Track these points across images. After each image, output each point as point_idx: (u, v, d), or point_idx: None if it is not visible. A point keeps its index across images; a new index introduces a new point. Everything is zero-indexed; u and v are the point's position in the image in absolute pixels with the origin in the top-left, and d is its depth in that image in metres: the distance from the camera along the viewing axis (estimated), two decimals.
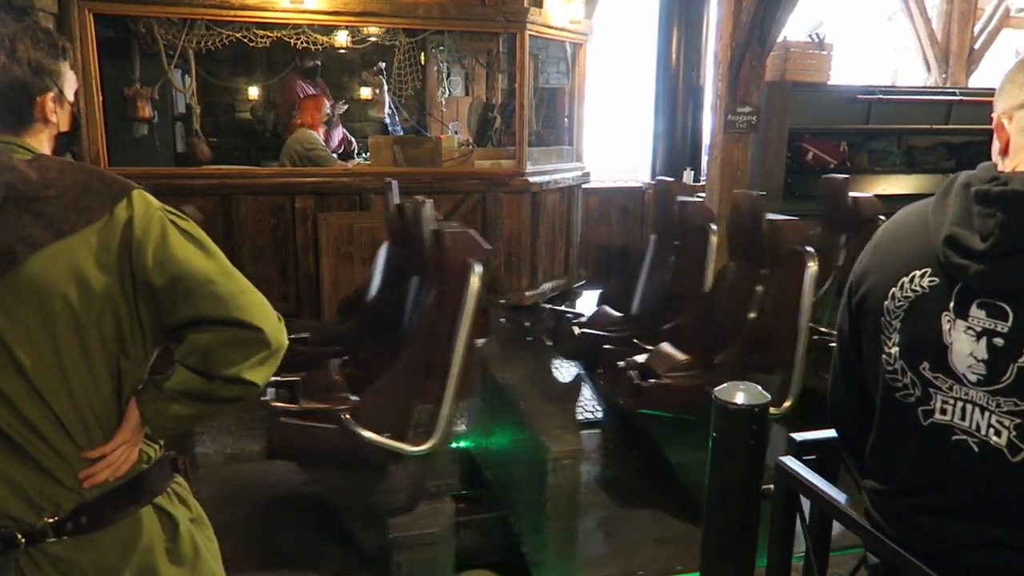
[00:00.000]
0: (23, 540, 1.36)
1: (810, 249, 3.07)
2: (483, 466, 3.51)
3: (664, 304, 3.89)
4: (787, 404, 3.07)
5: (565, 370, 4.53)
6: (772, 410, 2.81)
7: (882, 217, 3.51)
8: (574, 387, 4.15)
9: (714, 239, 3.81)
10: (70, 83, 1.48)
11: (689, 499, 3.19)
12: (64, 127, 1.48)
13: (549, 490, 2.71)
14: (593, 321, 4.03)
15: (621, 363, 3.32)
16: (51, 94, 1.43)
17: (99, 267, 1.33)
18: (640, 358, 3.32)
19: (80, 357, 1.35)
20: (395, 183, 3.55)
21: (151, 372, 1.49)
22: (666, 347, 3.33)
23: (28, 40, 1.40)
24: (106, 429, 1.40)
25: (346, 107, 6.85)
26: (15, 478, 1.36)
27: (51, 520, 1.38)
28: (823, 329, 3.62)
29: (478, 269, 2.66)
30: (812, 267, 3.03)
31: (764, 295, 3.18)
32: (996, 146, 1.26)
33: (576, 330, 3.87)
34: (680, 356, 3.24)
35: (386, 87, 6.97)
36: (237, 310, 1.38)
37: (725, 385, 1.85)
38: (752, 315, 3.17)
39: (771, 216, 3.28)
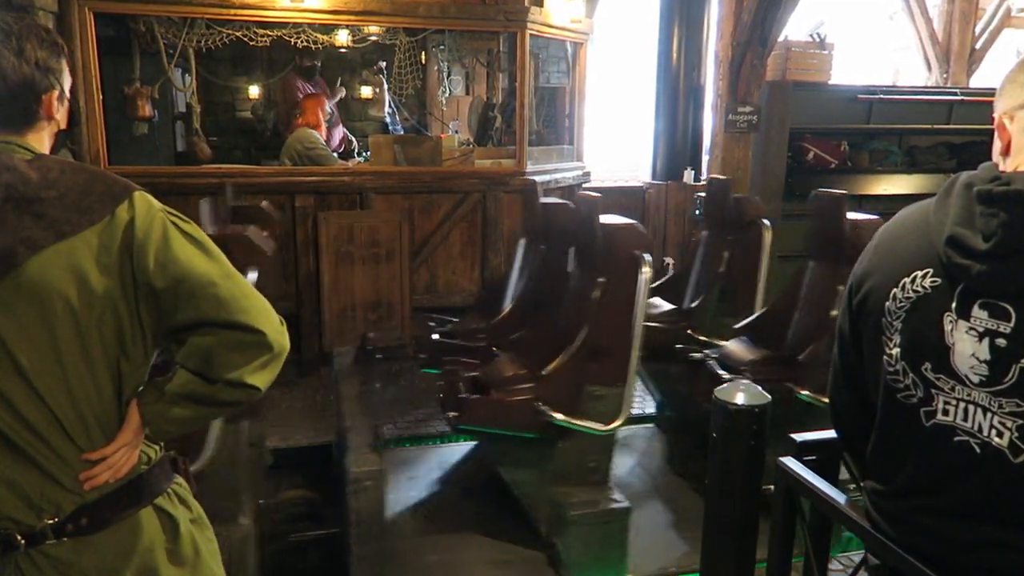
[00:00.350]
0: (23, 541, 1.36)
1: (647, 255, 2.85)
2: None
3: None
4: (616, 423, 2.83)
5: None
6: (598, 427, 2.77)
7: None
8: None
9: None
10: (68, 81, 1.48)
11: (529, 520, 3.08)
12: (64, 124, 1.49)
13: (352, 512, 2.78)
14: (457, 328, 3.84)
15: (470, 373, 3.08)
16: (55, 92, 1.43)
17: (100, 268, 1.33)
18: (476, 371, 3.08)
19: (80, 359, 1.34)
20: (230, 186, 3.67)
21: (153, 374, 1.48)
22: (502, 358, 3.09)
23: (34, 39, 1.40)
24: (106, 430, 1.40)
25: (343, 91, 6.83)
26: (15, 480, 1.35)
27: (51, 522, 1.37)
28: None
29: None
30: (647, 273, 2.81)
31: (600, 302, 2.90)
32: (997, 146, 1.25)
33: (435, 337, 3.70)
34: (513, 368, 2.97)
35: (386, 86, 6.96)
36: (239, 313, 1.37)
37: (725, 385, 1.85)
38: (587, 324, 2.89)
39: (606, 220, 2.98)
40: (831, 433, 1.62)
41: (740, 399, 1.78)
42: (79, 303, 1.32)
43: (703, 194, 6.11)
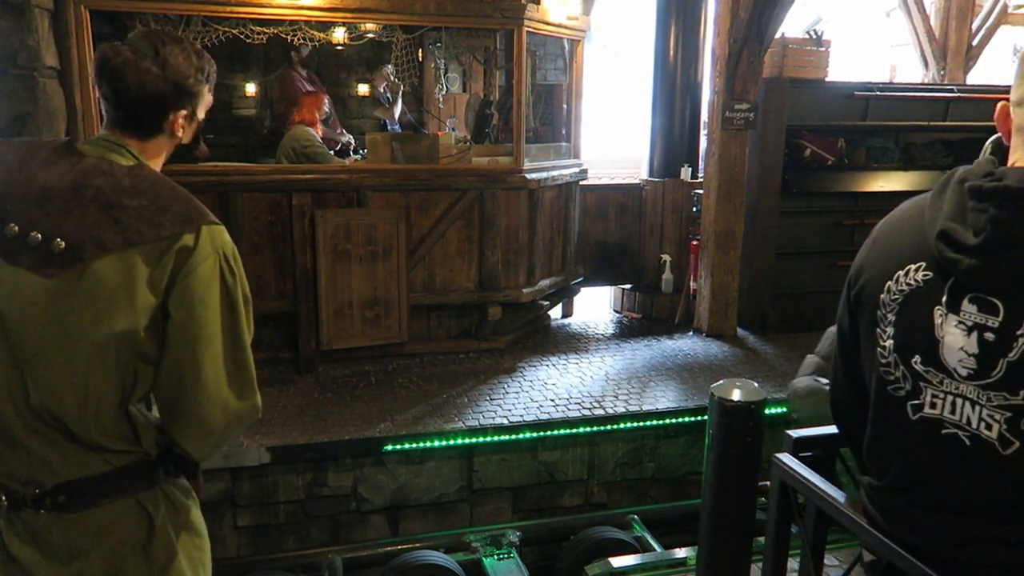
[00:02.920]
0: (6, 503, 1.43)
1: None
2: None
3: None
4: None
5: None
6: None
7: None
8: None
9: None
10: (205, 104, 1.58)
11: None
12: (187, 141, 1.61)
13: None
14: None
15: None
16: (184, 112, 1.53)
17: (150, 284, 1.39)
18: None
19: (101, 361, 1.39)
20: None
21: None
22: None
23: (180, 57, 1.49)
24: (104, 428, 1.43)
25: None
26: (16, 447, 1.42)
27: (34, 492, 1.42)
28: None
29: None
30: None
31: None
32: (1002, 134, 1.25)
33: None
34: None
35: (401, 89, 6.93)
36: (189, 417, 1.45)
37: (722, 382, 1.85)
38: None
39: None
40: (827, 429, 1.63)
41: (736, 396, 1.78)
42: (123, 311, 1.37)
43: (700, 191, 6.12)
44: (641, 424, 4.46)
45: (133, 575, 1.49)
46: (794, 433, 1.66)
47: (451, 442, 4.14)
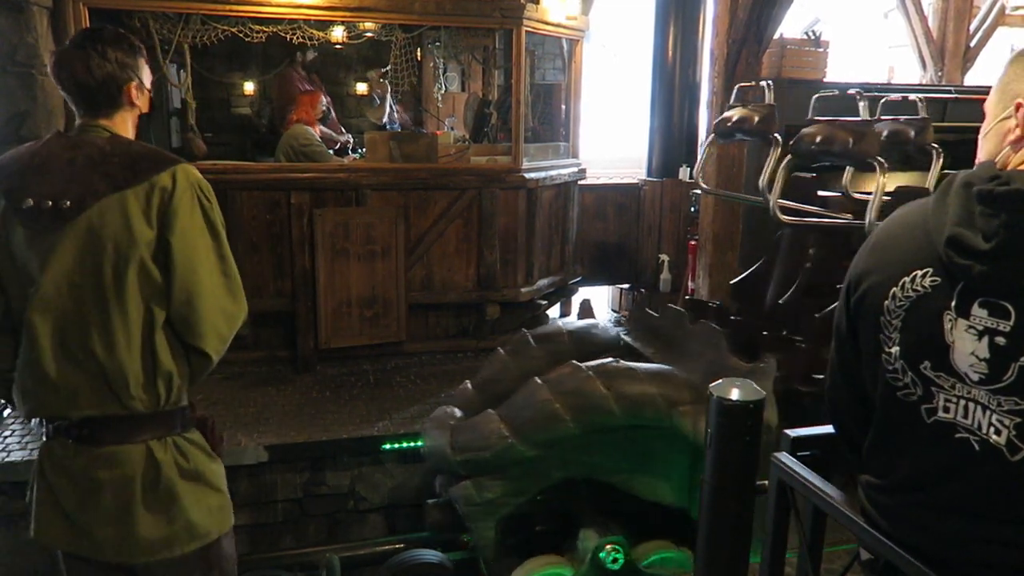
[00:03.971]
0: (50, 429, 1.78)
1: None
2: None
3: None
4: None
5: None
6: None
7: None
8: None
9: None
10: (146, 74, 1.90)
11: None
12: (145, 109, 1.92)
13: None
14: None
15: None
16: (134, 83, 1.86)
17: (143, 218, 1.73)
18: None
19: (117, 294, 1.72)
20: None
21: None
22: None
23: (112, 43, 1.82)
24: (130, 362, 1.73)
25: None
26: (53, 381, 1.73)
27: (64, 424, 1.76)
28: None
29: None
30: None
31: None
32: (1015, 133, 1.23)
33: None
34: None
35: (389, 90, 6.93)
36: (193, 321, 1.78)
37: (721, 381, 1.85)
38: None
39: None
40: (826, 428, 1.63)
41: (735, 395, 1.79)
42: (124, 244, 1.71)
43: (699, 191, 6.12)
44: None
45: (137, 511, 1.76)
46: (792, 432, 1.67)
47: None
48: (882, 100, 3.68)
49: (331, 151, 5.84)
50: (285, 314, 4.99)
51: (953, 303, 1.17)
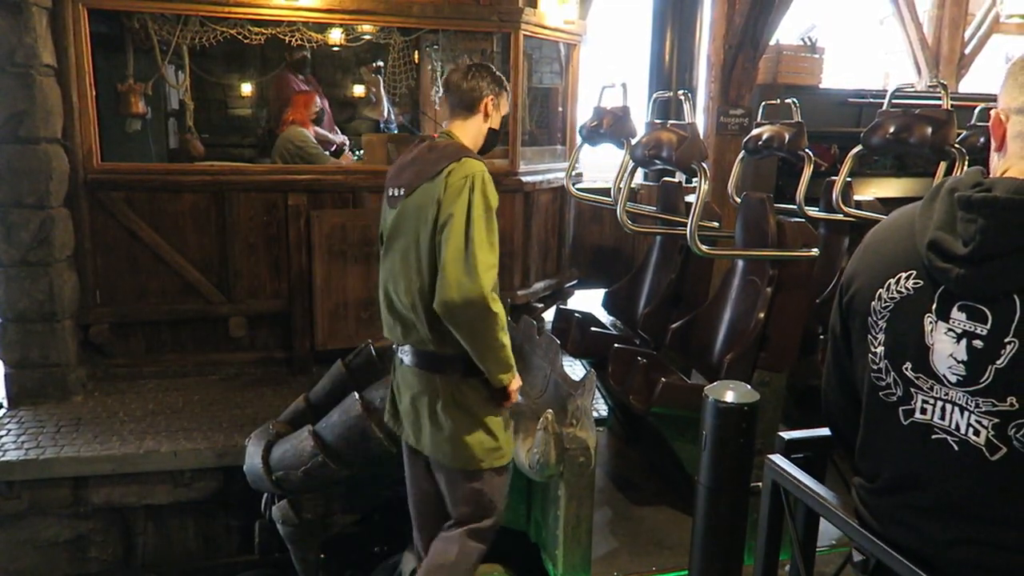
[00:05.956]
0: (396, 350, 2.53)
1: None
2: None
3: None
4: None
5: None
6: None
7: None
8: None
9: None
10: (504, 102, 2.54)
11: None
12: (495, 126, 2.52)
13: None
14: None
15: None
16: (491, 99, 2.46)
17: (435, 201, 2.26)
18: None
19: (428, 252, 2.28)
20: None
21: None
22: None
23: (483, 70, 2.46)
24: (424, 300, 2.31)
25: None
26: (391, 319, 2.47)
27: (398, 345, 2.50)
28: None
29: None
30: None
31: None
32: (992, 143, 1.27)
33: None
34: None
35: (382, 84, 6.95)
36: (448, 281, 2.21)
37: (715, 384, 1.87)
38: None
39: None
40: (819, 431, 1.65)
41: (730, 397, 1.80)
42: (430, 219, 2.27)
43: (694, 196, 6.14)
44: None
45: (423, 424, 2.44)
46: (786, 435, 1.69)
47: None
48: (890, 92, 3.56)
49: (327, 152, 5.84)
50: (282, 315, 4.99)
51: (934, 306, 1.19)
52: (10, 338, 4.37)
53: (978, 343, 1.14)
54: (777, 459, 1.64)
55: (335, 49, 6.42)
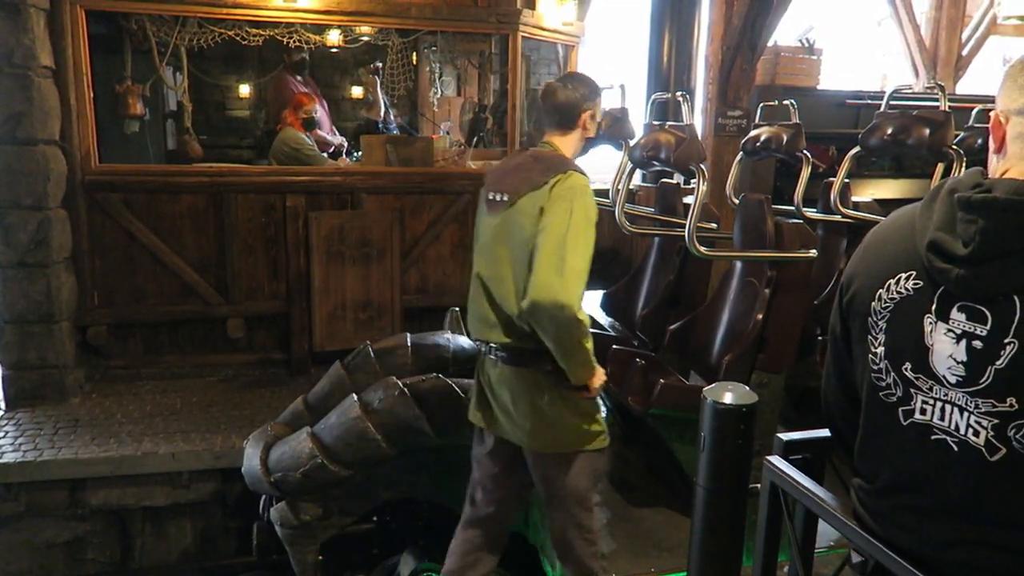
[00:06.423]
0: (487, 350, 2.51)
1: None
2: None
3: None
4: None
5: None
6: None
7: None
8: None
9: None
10: (599, 109, 2.55)
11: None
12: (592, 134, 2.54)
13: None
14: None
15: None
16: (589, 112, 2.48)
17: (544, 209, 2.30)
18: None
19: (523, 256, 2.32)
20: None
21: None
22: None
23: (577, 82, 2.48)
24: (517, 304, 2.33)
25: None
26: (484, 317, 2.48)
27: (493, 345, 2.48)
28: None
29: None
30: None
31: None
32: (992, 144, 1.27)
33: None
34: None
35: (379, 84, 6.95)
36: (534, 289, 2.23)
37: (714, 385, 1.87)
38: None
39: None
40: (817, 432, 1.65)
41: (729, 398, 1.80)
42: (529, 227, 2.32)
43: (691, 197, 6.14)
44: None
45: (521, 409, 2.44)
46: (785, 436, 1.68)
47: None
48: (888, 93, 3.56)
49: (325, 154, 5.83)
50: (280, 316, 4.99)
51: (933, 306, 1.19)
52: (8, 339, 4.37)
53: (978, 344, 1.14)
54: (776, 460, 1.64)
55: (333, 50, 6.41)
